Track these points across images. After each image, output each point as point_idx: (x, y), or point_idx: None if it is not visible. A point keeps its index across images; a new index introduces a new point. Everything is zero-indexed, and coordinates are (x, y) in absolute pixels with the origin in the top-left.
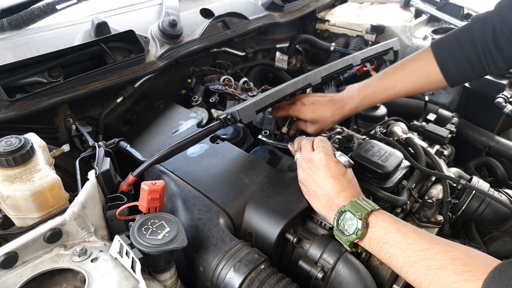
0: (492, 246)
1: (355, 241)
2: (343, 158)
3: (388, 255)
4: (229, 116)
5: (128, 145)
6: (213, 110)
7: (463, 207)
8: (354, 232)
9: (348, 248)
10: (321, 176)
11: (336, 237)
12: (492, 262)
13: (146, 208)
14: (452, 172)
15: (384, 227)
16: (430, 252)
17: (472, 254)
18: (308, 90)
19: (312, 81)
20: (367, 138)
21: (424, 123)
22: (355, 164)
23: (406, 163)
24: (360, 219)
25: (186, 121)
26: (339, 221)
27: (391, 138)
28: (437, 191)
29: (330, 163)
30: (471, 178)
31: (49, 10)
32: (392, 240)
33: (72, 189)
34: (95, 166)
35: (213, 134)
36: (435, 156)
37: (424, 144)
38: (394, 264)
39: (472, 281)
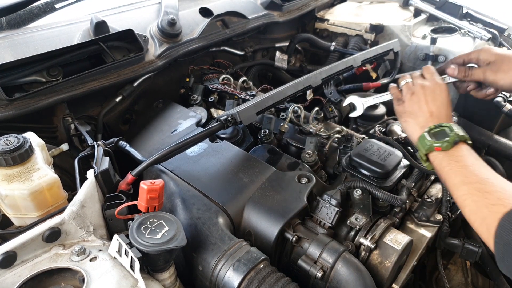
0: None
1: (435, 148)
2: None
3: (451, 172)
4: (229, 118)
5: (127, 145)
6: (212, 109)
7: None
8: (441, 141)
9: (423, 152)
10: (430, 96)
11: (418, 141)
12: None
13: (145, 207)
14: None
15: (464, 153)
16: (488, 180)
17: None
18: (308, 92)
19: (312, 83)
20: (367, 137)
21: None
22: (353, 164)
23: (405, 162)
24: (454, 135)
25: (185, 120)
26: (432, 130)
27: (391, 137)
28: (436, 190)
29: (441, 91)
30: None
31: (48, 9)
32: (463, 162)
33: (71, 189)
34: (94, 165)
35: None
36: None
37: None
38: (452, 179)
39: (505, 206)
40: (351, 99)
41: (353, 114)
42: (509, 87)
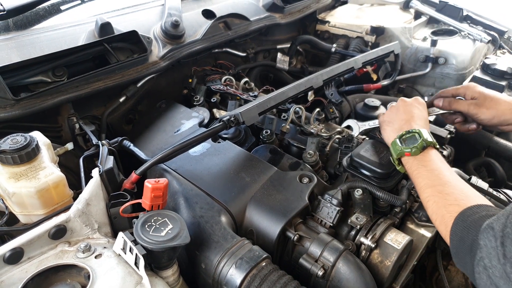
0: None
1: (405, 153)
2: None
3: (418, 175)
4: (232, 118)
5: (131, 144)
6: (214, 110)
7: None
8: (410, 147)
9: (395, 157)
10: (408, 107)
11: (391, 147)
12: (478, 201)
13: (149, 205)
14: None
15: (432, 158)
16: (449, 184)
17: (475, 193)
18: (309, 93)
19: (314, 84)
20: (367, 138)
21: None
22: (354, 164)
23: None
24: (422, 141)
25: (188, 121)
26: (403, 136)
27: None
28: None
29: (419, 105)
30: (470, 178)
31: (54, 10)
32: (429, 166)
33: (75, 187)
34: (98, 164)
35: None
36: None
37: None
38: (419, 182)
39: (460, 206)
40: (348, 122)
41: None
42: (488, 122)
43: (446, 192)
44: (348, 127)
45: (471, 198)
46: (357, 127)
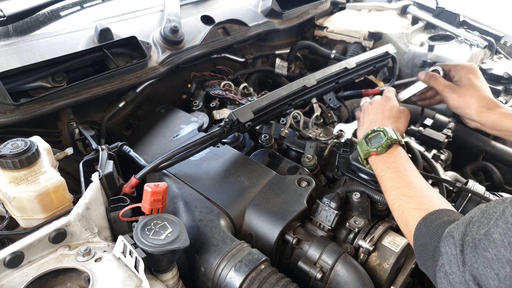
0: None
1: (372, 153)
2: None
3: (384, 177)
4: (227, 120)
5: (131, 150)
6: (214, 112)
7: (459, 210)
8: (375, 147)
9: (362, 157)
10: (375, 108)
11: (358, 146)
12: (440, 205)
13: (148, 209)
14: (448, 175)
15: (397, 157)
16: (412, 186)
17: (437, 196)
18: (313, 100)
19: (306, 83)
20: None
21: (421, 128)
22: (352, 168)
23: None
24: (387, 139)
25: (187, 125)
26: (369, 136)
27: None
28: None
29: (385, 103)
30: (467, 182)
31: (54, 16)
32: (394, 167)
33: (75, 192)
34: (98, 169)
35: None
36: (432, 160)
37: (421, 149)
38: (384, 184)
39: (422, 211)
40: (339, 126)
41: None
42: (453, 109)
43: (409, 195)
44: (341, 132)
45: (433, 202)
46: (348, 129)
